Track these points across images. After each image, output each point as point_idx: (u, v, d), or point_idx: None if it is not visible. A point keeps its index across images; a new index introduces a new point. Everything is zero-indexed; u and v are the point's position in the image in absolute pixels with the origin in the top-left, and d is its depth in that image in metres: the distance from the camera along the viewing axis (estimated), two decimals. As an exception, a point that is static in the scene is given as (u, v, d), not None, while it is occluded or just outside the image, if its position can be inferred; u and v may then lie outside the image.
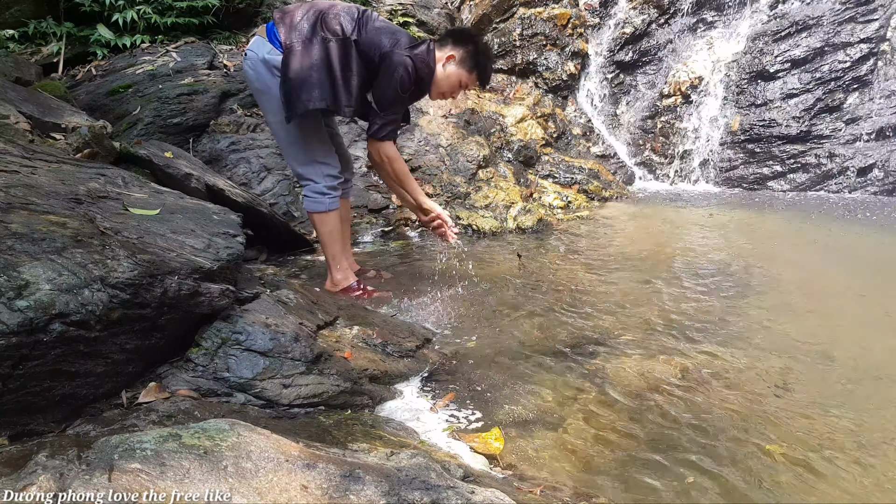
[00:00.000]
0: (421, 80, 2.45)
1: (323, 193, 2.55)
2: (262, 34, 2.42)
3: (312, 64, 2.33)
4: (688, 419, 1.77)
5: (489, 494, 1.09)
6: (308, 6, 2.43)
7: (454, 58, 2.47)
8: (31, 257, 1.28)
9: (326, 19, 2.37)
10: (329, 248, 2.62)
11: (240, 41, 5.07)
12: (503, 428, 1.67)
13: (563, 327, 2.43)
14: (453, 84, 2.52)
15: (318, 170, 2.53)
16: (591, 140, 5.91)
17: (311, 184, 2.55)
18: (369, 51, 2.38)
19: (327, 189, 2.55)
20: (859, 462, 1.59)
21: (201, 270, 1.59)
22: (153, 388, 1.43)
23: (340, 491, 0.99)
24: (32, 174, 1.83)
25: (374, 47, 2.37)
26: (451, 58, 2.47)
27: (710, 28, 6.03)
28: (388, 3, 5.54)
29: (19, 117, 2.69)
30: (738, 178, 5.57)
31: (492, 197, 4.36)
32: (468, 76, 2.50)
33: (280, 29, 2.38)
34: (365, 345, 2.01)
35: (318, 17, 2.38)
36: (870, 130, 5.15)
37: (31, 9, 4.66)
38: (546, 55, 5.97)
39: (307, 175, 2.54)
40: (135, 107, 4.04)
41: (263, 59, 2.38)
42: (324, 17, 2.38)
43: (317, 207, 2.57)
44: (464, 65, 2.47)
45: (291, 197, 3.84)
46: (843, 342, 2.32)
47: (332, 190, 2.56)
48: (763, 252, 3.65)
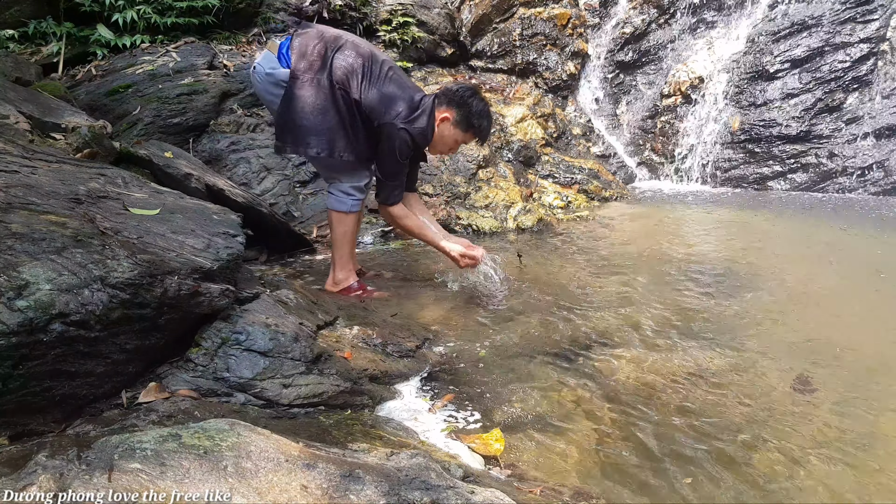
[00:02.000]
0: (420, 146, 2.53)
1: (348, 194, 2.58)
2: (272, 50, 2.45)
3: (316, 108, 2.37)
4: (688, 419, 1.77)
5: (489, 494, 1.09)
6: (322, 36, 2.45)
7: (449, 119, 2.49)
8: (31, 257, 1.28)
9: (335, 64, 2.38)
10: (340, 249, 2.64)
11: (240, 41, 5.06)
12: (503, 428, 1.67)
13: (563, 327, 2.43)
14: (448, 144, 2.56)
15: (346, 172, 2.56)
16: (591, 140, 5.90)
17: (338, 183, 2.57)
18: (370, 114, 2.44)
19: (353, 190, 2.58)
20: (861, 463, 1.59)
21: (201, 270, 1.59)
22: (153, 388, 1.43)
23: (340, 491, 0.99)
24: (32, 174, 1.83)
25: (374, 113, 2.43)
26: (446, 119, 2.49)
27: (710, 28, 6.02)
28: (388, 3, 5.54)
29: (19, 117, 2.69)
30: (739, 177, 5.57)
31: (492, 197, 4.36)
32: (464, 136, 2.54)
33: (293, 48, 2.40)
34: (365, 345, 2.01)
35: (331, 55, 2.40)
36: (870, 130, 5.15)
37: (31, 9, 4.65)
38: (546, 55, 5.97)
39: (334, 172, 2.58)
40: (135, 107, 4.04)
41: (268, 72, 2.42)
42: (334, 61, 2.39)
43: (339, 206, 2.59)
44: (459, 126, 2.50)
45: (291, 197, 3.84)
46: (845, 342, 2.32)
47: (357, 192, 2.59)
48: (763, 252, 3.65)
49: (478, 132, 2.53)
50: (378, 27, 5.40)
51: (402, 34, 5.37)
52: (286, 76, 2.38)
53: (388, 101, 2.42)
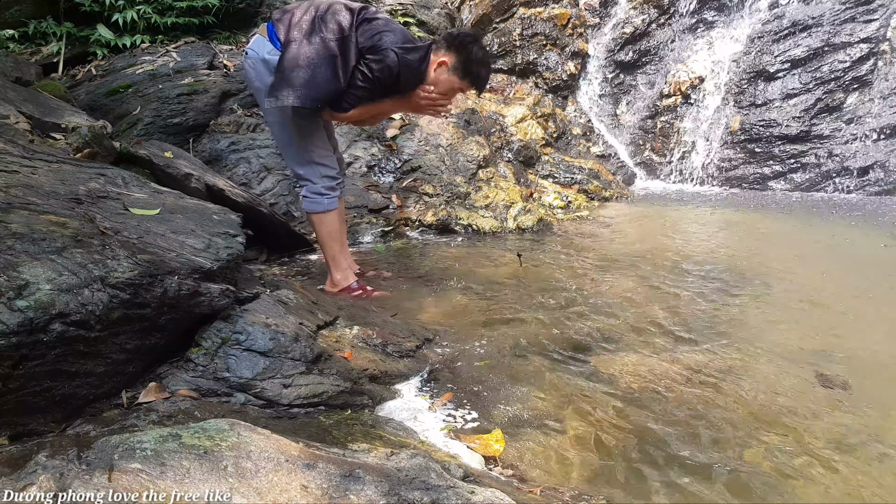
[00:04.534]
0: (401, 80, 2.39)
1: (321, 194, 2.55)
2: (262, 33, 2.41)
3: (309, 59, 2.30)
4: (688, 419, 1.77)
5: (489, 494, 1.09)
6: (308, 4, 2.42)
7: (446, 64, 2.41)
8: (31, 257, 1.28)
9: (325, 17, 2.35)
10: (328, 249, 2.63)
11: (240, 41, 5.07)
12: (503, 428, 1.67)
13: (563, 327, 2.43)
14: (443, 90, 2.46)
15: (317, 171, 2.53)
16: (591, 140, 5.90)
17: (310, 184, 2.56)
18: (363, 45, 2.34)
19: (325, 189, 2.56)
20: (865, 464, 1.59)
21: (201, 270, 1.59)
22: (153, 388, 1.43)
23: (340, 491, 0.99)
24: (32, 174, 1.83)
25: (367, 40, 2.33)
26: (444, 63, 2.41)
27: (710, 28, 6.03)
28: (388, 2, 5.54)
29: (19, 117, 2.69)
30: (739, 177, 5.57)
31: (492, 197, 4.36)
32: (460, 83, 2.45)
33: (279, 27, 2.37)
34: (365, 345, 2.01)
35: (318, 14, 2.36)
36: (869, 130, 5.15)
37: (31, 9, 4.65)
38: (546, 55, 5.97)
39: (305, 176, 2.55)
40: (135, 107, 4.04)
41: (263, 58, 2.38)
42: (323, 16, 2.36)
43: (315, 208, 2.57)
44: (456, 72, 2.41)
45: (291, 197, 3.84)
46: (847, 342, 2.32)
47: (329, 190, 2.57)
48: (764, 252, 3.65)
49: (475, 80, 2.44)
50: (378, 27, 5.39)
51: (402, 34, 5.36)
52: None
53: (384, 31, 2.33)
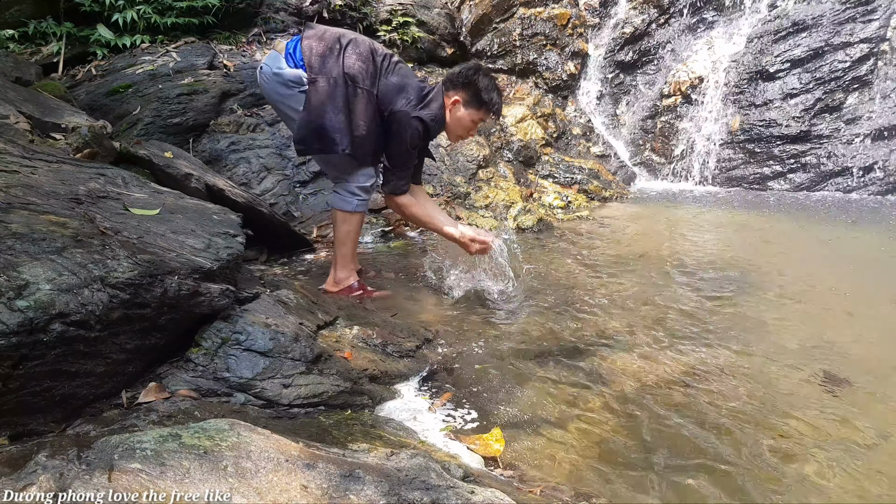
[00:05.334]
0: (430, 134, 2.53)
1: (353, 194, 2.57)
2: (279, 51, 2.45)
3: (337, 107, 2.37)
4: (689, 419, 1.77)
5: (489, 494, 1.09)
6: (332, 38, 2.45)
7: (459, 101, 2.50)
8: (31, 257, 1.28)
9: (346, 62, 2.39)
10: (342, 248, 2.64)
11: (240, 41, 5.06)
12: (503, 428, 1.67)
13: (563, 327, 2.43)
14: (466, 126, 2.56)
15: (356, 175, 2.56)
16: (591, 140, 5.90)
17: (345, 183, 2.57)
18: (382, 104, 2.45)
19: (359, 191, 2.57)
20: (869, 463, 1.59)
21: (201, 270, 1.59)
22: (153, 388, 1.43)
23: (340, 491, 0.99)
24: (32, 174, 1.83)
25: (386, 102, 2.44)
26: (457, 102, 2.50)
27: (710, 28, 6.03)
28: (388, 2, 5.54)
29: (19, 117, 2.69)
30: (738, 177, 5.57)
31: (492, 197, 4.36)
32: (478, 113, 2.54)
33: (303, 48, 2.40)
34: (365, 345, 2.01)
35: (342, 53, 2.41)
36: (870, 130, 5.15)
37: (31, 9, 4.65)
38: (546, 55, 5.97)
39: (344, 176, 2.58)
40: (135, 107, 4.04)
41: (276, 72, 2.42)
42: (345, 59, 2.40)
43: (344, 206, 2.59)
44: (471, 105, 2.51)
45: (291, 197, 3.84)
46: (847, 341, 2.32)
47: (363, 192, 2.59)
48: (765, 251, 3.65)
49: (490, 107, 2.53)
50: (378, 27, 5.40)
51: (402, 34, 5.37)
52: (295, 77, 2.39)
53: (399, 90, 2.44)
